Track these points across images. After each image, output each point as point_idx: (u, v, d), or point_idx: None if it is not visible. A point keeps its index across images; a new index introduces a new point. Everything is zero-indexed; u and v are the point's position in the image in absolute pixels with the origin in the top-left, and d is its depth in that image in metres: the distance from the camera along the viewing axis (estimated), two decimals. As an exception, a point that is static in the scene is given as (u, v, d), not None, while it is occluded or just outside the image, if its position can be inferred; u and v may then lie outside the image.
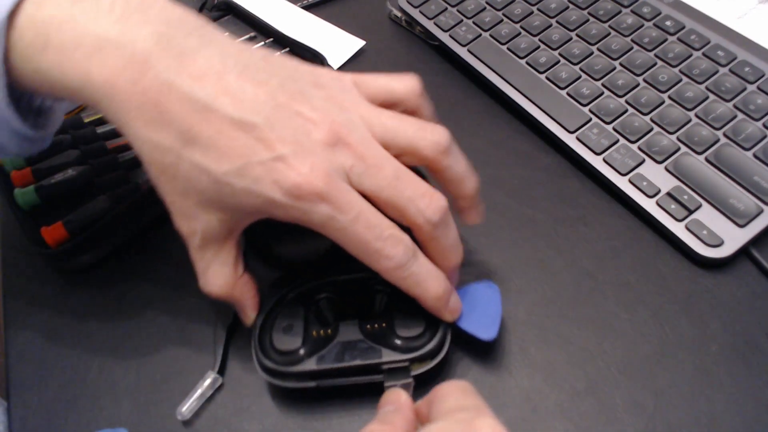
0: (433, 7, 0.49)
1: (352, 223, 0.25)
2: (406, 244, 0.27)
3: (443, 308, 0.29)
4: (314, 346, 0.30)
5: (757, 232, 0.34)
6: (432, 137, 0.28)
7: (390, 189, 0.27)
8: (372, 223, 0.26)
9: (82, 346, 0.34)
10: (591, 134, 0.39)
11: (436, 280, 0.28)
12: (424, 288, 0.28)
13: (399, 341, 0.30)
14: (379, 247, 0.26)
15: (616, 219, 0.37)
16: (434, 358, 0.30)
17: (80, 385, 0.33)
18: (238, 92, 0.25)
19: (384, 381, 0.29)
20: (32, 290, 0.37)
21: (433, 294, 0.28)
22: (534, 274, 0.35)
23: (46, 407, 0.32)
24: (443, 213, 0.28)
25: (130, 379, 0.33)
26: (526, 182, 0.40)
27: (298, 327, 0.31)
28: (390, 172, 0.27)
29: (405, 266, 0.27)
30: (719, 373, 0.31)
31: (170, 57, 0.25)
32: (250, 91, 0.26)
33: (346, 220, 0.25)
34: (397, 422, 0.25)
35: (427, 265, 0.28)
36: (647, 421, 0.29)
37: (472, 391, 0.26)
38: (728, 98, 0.39)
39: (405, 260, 0.27)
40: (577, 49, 0.44)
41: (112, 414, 0.32)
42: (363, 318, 0.31)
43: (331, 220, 0.25)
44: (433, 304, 0.29)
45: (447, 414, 0.24)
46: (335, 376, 0.30)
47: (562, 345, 0.32)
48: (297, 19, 0.53)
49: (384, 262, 0.27)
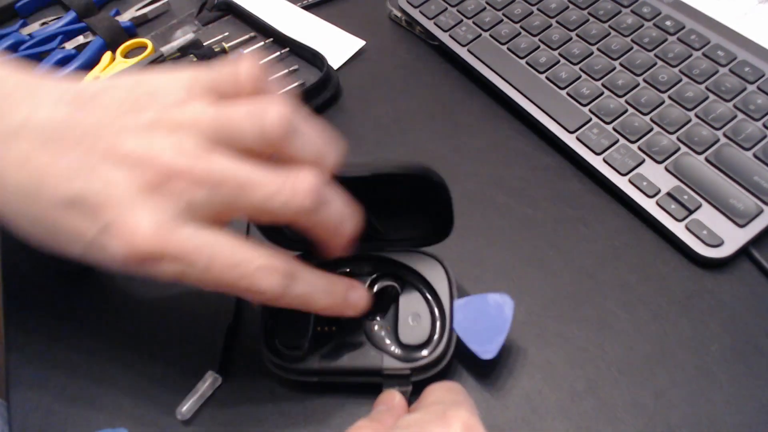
0: (433, 7, 0.49)
1: (207, 271, 0.23)
2: (282, 271, 0.25)
3: (341, 312, 0.28)
4: (318, 343, 0.30)
5: (757, 232, 0.34)
6: (265, 122, 0.24)
7: (243, 200, 0.24)
8: (231, 263, 0.24)
9: (82, 346, 0.34)
10: (591, 134, 0.39)
11: (322, 293, 0.27)
12: (313, 305, 0.27)
13: (401, 350, 0.30)
14: (247, 285, 0.24)
15: (616, 219, 0.37)
16: (435, 368, 0.30)
17: (80, 385, 0.33)
18: (52, 172, 0.24)
19: (383, 385, 0.30)
20: (32, 290, 0.37)
21: (324, 306, 0.27)
22: (534, 274, 0.35)
23: (46, 407, 0.32)
24: (313, 195, 0.24)
25: (130, 379, 0.33)
26: (526, 182, 0.40)
27: (304, 321, 0.31)
28: (233, 183, 0.24)
29: (284, 294, 0.25)
30: (719, 373, 0.31)
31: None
32: (67, 158, 0.24)
33: (199, 269, 0.23)
34: (386, 420, 0.26)
35: (310, 278, 0.26)
36: (647, 421, 0.29)
37: (459, 389, 0.26)
38: (728, 98, 0.39)
39: (281, 289, 0.25)
40: (577, 49, 0.44)
41: (112, 414, 0.32)
42: (367, 317, 0.31)
43: (183, 274, 0.23)
44: (328, 313, 0.28)
45: (425, 406, 0.25)
46: (336, 375, 0.30)
47: (562, 345, 0.32)
48: (297, 19, 0.53)
49: (258, 298, 0.25)
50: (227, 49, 0.51)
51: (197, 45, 0.51)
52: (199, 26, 0.53)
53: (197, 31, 0.53)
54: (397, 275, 0.32)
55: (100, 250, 0.24)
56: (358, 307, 0.29)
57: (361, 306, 0.29)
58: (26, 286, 0.37)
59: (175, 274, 0.23)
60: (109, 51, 0.51)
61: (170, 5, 0.56)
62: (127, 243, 0.23)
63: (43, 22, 0.54)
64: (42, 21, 0.54)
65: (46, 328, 0.35)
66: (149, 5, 0.55)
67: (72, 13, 0.54)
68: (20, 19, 0.55)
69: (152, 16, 0.55)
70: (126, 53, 0.52)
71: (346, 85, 0.47)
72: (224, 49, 0.50)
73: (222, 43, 0.51)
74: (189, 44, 0.51)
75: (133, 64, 0.49)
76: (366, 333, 0.31)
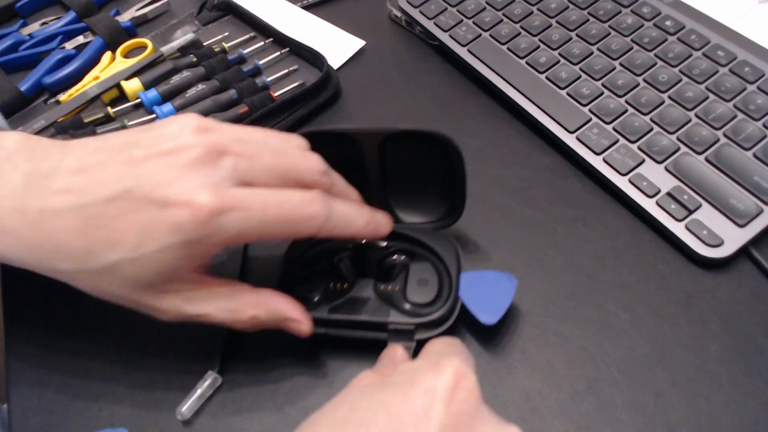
0: (433, 7, 0.49)
1: (264, 212, 0.26)
2: (320, 198, 0.28)
3: (375, 232, 0.31)
4: (329, 297, 0.32)
5: (757, 232, 0.34)
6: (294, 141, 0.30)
7: (277, 168, 0.28)
8: (281, 200, 0.27)
9: (82, 347, 0.34)
10: (591, 134, 0.39)
11: (356, 214, 0.30)
12: (353, 225, 0.29)
13: (408, 305, 0.31)
14: (301, 214, 0.27)
15: (616, 219, 0.37)
16: (440, 326, 0.31)
17: (80, 385, 0.33)
18: (98, 175, 0.26)
19: (388, 340, 0.31)
20: (32, 290, 0.37)
21: (361, 225, 0.30)
22: (534, 275, 0.35)
23: (46, 407, 0.32)
24: (324, 162, 0.30)
25: (130, 379, 0.33)
26: (526, 182, 0.40)
27: (318, 278, 0.33)
28: (268, 152, 0.28)
29: (330, 215, 0.28)
30: (719, 373, 0.31)
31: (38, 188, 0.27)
32: (112, 166, 0.26)
33: (258, 213, 0.26)
34: (386, 372, 0.26)
35: (342, 204, 0.29)
36: (647, 421, 0.29)
37: (457, 343, 0.27)
38: (728, 98, 0.39)
39: (328, 210, 0.28)
40: (577, 49, 0.44)
41: (112, 414, 0.32)
42: (379, 280, 0.33)
43: (246, 220, 0.26)
44: (368, 233, 0.30)
45: (421, 356, 0.26)
46: (344, 326, 0.31)
47: (562, 345, 0.32)
48: (297, 19, 0.53)
49: (313, 223, 0.27)
50: (227, 49, 0.51)
51: (197, 45, 0.51)
52: (199, 26, 0.54)
53: (197, 31, 0.53)
54: (408, 248, 0.34)
55: (163, 225, 0.25)
56: (387, 226, 0.32)
57: (388, 225, 0.32)
58: (26, 286, 0.37)
59: (240, 225, 0.26)
60: (109, 51, 0.51)
61: (170, 5, 0.56)
62: (191, 207, 0.25)
63: (43, 22, 0.54)
64: (42, 21, 0.54)
65: (46, 328, 0.35)
66: (149, 5, 0.55)
67: (72, 13, 0.54)
68: (20, 19, 0.55)
69: (152, 16, 0.55)
70: (126, 53, 0.52)
71: (346, 85, 0.47)
72: (224, 49, 0.50)
73: (222, 43, 0.51)
74: (189, 44, 0.51)
75: (132, 63, 0.49)
76: (376, 291, 0.32)
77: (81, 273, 0.27)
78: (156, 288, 0.27)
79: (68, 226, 0.26)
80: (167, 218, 0.25)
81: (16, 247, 0.27)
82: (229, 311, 0.28)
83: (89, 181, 0.26)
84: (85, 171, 0.27)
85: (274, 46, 0.51)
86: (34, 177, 0.27)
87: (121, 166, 0.26)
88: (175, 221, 0.25)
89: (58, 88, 0.49)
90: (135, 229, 0.25)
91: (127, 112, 0.47)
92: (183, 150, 0.26)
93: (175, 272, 0.27)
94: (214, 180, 0.26)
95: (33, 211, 0.26)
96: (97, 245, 0.26)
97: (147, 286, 0.27)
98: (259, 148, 0.28)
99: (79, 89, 0.48)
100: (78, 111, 0.47)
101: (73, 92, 0.48)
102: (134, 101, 0.47)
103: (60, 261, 0.27)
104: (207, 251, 0.26)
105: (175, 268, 0.26)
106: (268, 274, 0.35)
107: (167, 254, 0.26)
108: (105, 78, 0.48)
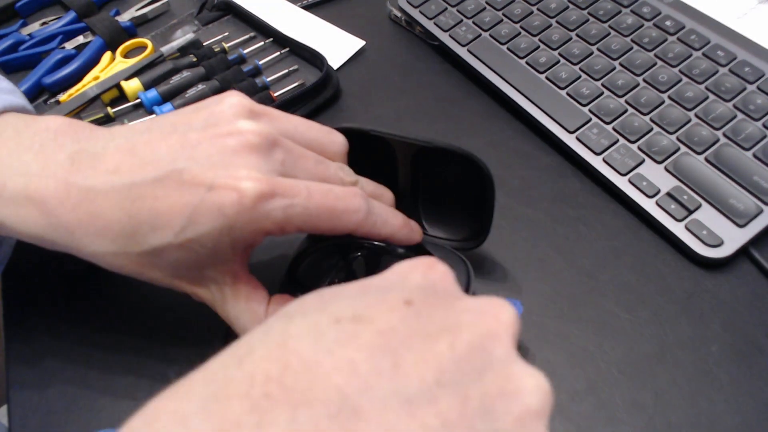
0: (433, 7, 0.49)
1: (309, 199, 0.26)
2: (360, 193, 0.28)
3: (409, 236, 0.31)
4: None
5: (756, 232, 0.34)
6: (336, 138, 0.31)
7: (317, 171, 0.28)
8: (325, 190, 0.27)
9: (82, 347, 0.34)
10: (591, 134, 0.39)
11: (392, 214, 0.30)
12: (390, 224, 0.29)
13: None
14: (344, 206, 0.27)
15: (616, 219, 0.37)
16: None
17: (80, 385, 0.33)
18: (149, 155, 0.26)
19: None
20: (32, 290, 0.37)
21: (398, 225, 0.30)
22: (534, 274, 0.35)
23: (46, 407, 0.32)
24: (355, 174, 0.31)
25: (130, 379, 0.33)
26: (526, 182, 0.40)
27: (326, 271, 0.32)
28: (312, 158, 0.29)
29: (370, 211, 0.28)
30: (719, 373, 0.31)
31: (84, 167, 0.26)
32: (163, 147, 0.26)
33: (303, 200, 0.26)
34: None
35: (377, 204, 0.29)
36: (647, 421, 0.29)
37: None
38: (728, 98, 0.39)
39: (367, 205, 0.28)
40: (577, 49, 0.44)
41: (112, 414, 0.32)
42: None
43: (291, 207, 0.26)
44: (403, 236, 0.30)
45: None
46: None
47: (562, 345, 0.32)
48: (297, 19, 0.53)
49: (354, 216, 0.27)
50: (227, 49, 0.51)
51: (197, 45, 0.51)
52: (199, 26, 0.54)
53: (197, 31, 0.53)
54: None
55: (211, 207, 0.25)
56: (420, 232, 0.32)
57: (420, 232, 0.32)
58: (26, 286, 0.37)
59: (283, 210, 0.26)
60: (109, 51, 0.51)
61: (170, 5, 0.56)
62: (238, 190, 0.25)
63: (43, 22, 0.54)
64: (42, 21, 0.54)
65: (46, 328, 0.35)
66: (149, 5, 0.55)
67: (72, 13, 0.54)
68: (20, 19, 0.55)
69: (152, 16, 0.55)
70: (126, 53, 0.52)
71: (346, 85, 0.47)
72: (224, 49, 0.50)
73: (222, 43, 0.51)
74: (189, 44, 0.51)
75: (132, 63, 0.49)
76: None
77: (121, 255, 0.26)
78: (196, 274, 0.27)
79: (114, 206, 0.25)
80: (214, 200, 0.25)
81: (54, 226, 0.26)
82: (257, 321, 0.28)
83: (138, 161, 0.26)
84: (135, 151, 0.26)
85: (274, 46, 0.51)
86: (82, 157, 0.27)
87: (173, 147, 0.26)
88: (222, 204, 0.25)
89: (58, 88, 0.49)
90: (181, 211, 0.25)
91: (127, 112, 0.47)
92: (239, 134, 0.26)
93: (217, 258, 0.26)
94: (265, 168, 0.26)
95: (78, 190, 0.26)
96: (143, 227, 0.25)
97: (188, 270, 0.27)
98: (304, 152, 0.28)
99: (79, 89, 0.48)
100: (78, 111, 0.47)
101: (73, 92, 0.48)
102: (134, 101, 0.47)
103: (101, 243, 0.26)
104: (250, 238, 0.26)
105: (218, 253, 0.26)
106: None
107: (212, 239, 0.25)
108: (105, 78, 0.48)
